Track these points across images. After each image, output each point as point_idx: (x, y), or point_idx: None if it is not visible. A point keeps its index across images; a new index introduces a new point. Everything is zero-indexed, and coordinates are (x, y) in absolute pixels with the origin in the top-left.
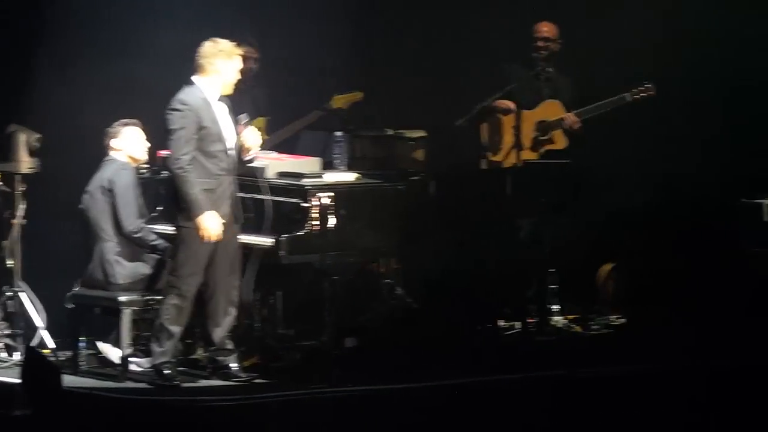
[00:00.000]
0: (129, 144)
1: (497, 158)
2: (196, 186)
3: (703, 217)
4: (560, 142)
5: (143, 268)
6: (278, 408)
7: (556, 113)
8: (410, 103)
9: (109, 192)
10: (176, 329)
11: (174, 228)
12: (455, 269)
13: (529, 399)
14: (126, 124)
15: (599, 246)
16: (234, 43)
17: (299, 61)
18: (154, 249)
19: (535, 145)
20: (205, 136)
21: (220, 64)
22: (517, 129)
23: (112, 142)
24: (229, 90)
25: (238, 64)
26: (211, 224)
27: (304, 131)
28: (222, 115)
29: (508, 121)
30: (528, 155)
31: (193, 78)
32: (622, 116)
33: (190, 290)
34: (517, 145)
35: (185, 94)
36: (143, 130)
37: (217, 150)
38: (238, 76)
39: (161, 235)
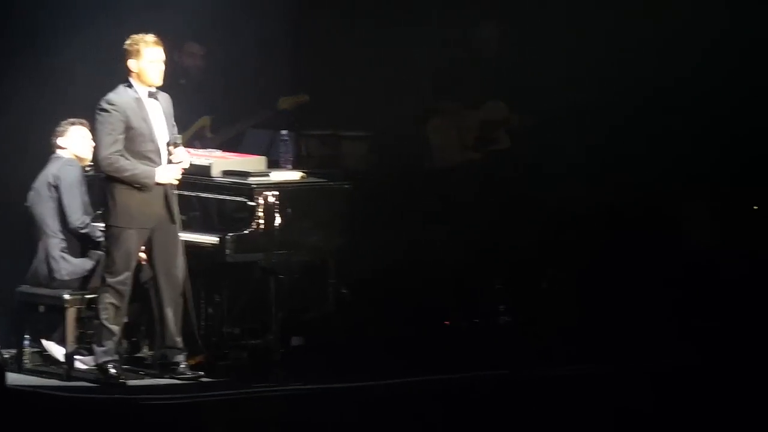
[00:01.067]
0: (75, 143)
1: (443, 158)
2: (129, 165)
3: (644, 217)
4: (504, 142)
5: (88, 265)
6: (224, 406)
7: (500, 113)
8: (356, 102)
9: (55, 188)
10: (116, 327)
11: (105, 227)
12: (401, 268)
13: (475, 399)
14: (73, 123)
15: (544, 246)
16: (149, 38)
17: (245, 60)
18: (99, 245)
19: (480, 146)
20: (134, 136)
21: (131, 61)
22: (462, 129)
23: (59, 140)
24: (154, 82)
25: (153, 55)
26: (166, 176)
27: (248, 130)
28: (155, 113)
29: (453, 122)
30: (472, 155)
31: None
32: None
33: (125, 288)
34: (463, 146)
35: (114, 94)
36: (89, 129)
37: (147, 150)
38: (158, 67)
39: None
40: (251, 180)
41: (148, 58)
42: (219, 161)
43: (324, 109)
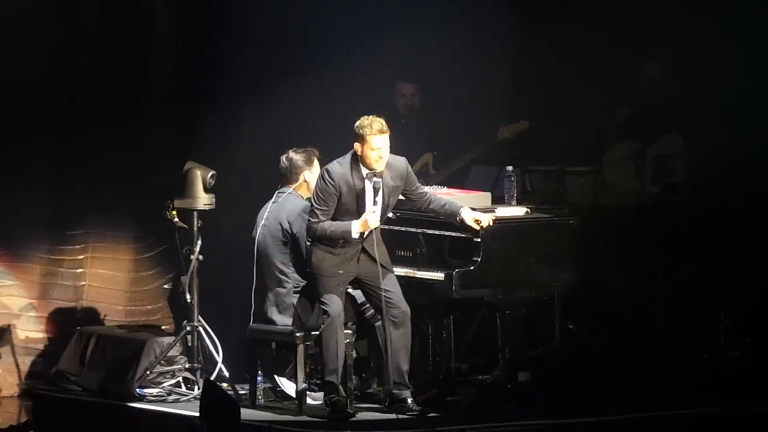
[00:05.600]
0: (314, 180)
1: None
2: (326, 225)
3: None
4: (680, 174)
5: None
6: None
7: (676, 146)
8: (573, 136)
9: (291, 235)
10: (337, 364)
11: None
12: (627, 303)
13: None
14: (315, 155)
15: None
16: (376, 126)
17: (465, 94)
18: None
19: (657, 179)
20: (341, 207)
21: (357, 144)
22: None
23: (305, 174)
24: (375, 168)
25: (377, 143)
26: (363, 227)
27: (474, 166)
28: (371, 192)
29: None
30: (650, 189)
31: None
32: None
33: (337, 326)
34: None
35: (338, 164)
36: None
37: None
38: (380, 154)
39: None
40: None
41: (372, 145)
42: (444, 198)
43: (544, 142)
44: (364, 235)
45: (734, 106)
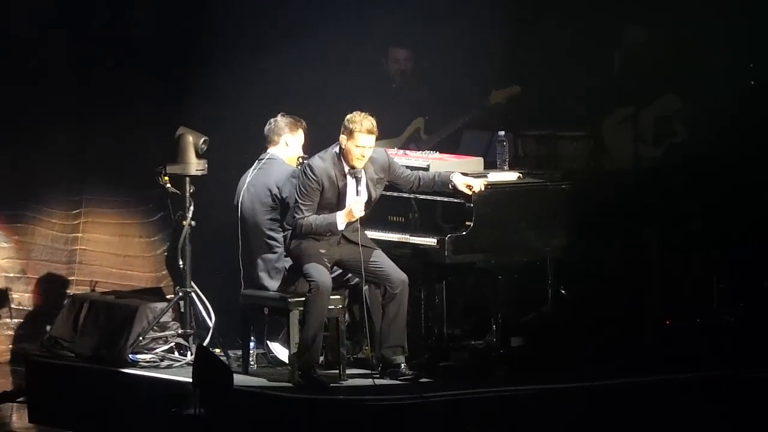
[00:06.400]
0: (298, 146)
1: (621, 158)
2: (312, 220)
3: None
4: (681, 134)
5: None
6: (445, 407)
7: (673, 107)
8: (564, 100)
9: (280, 200)
10: (317, 336)
11: None
12: (620, 268)
13: (699, 399)
14: (301, 123)
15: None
16: (366, 124)
17: (457, 60)
18: None
19: (657, 141)
20: (322, 201)
21: (343, 137)
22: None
23: (287, 138)
24: (354, 165)
25: (363, 142)
26: (348, 217)
27: (466, 131)
28: (352, 188)
29: (627, 121)
30: (652, 152)
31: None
32: None
33: (323, 292)
34: (641, 143)
35: (320, 159)
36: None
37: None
38: (363, 153)
39: None
40: None
41: (357, 142)
42: (436, 163)
43: (538, 107)
44: (346, 226)
45: (725, 59)
